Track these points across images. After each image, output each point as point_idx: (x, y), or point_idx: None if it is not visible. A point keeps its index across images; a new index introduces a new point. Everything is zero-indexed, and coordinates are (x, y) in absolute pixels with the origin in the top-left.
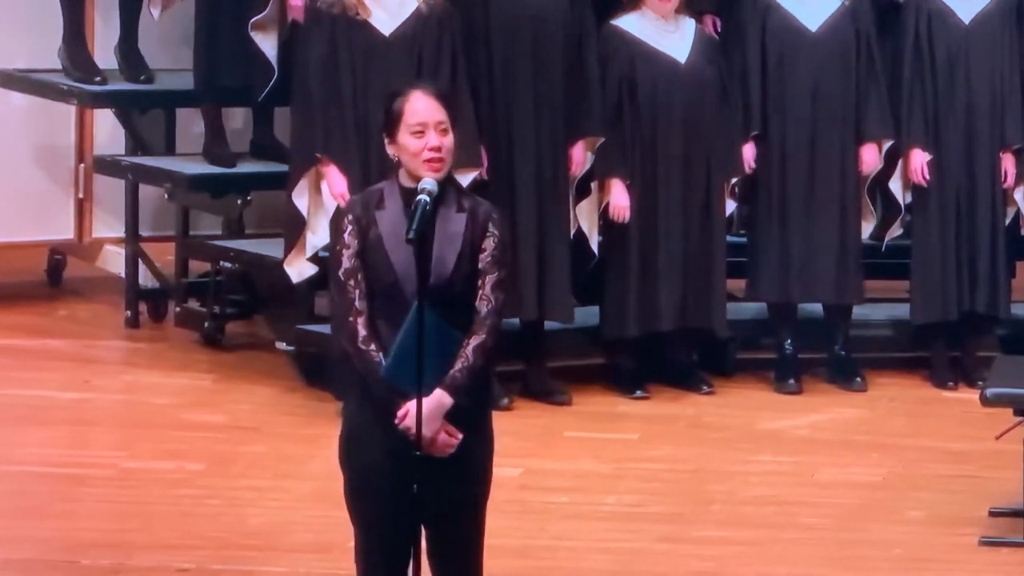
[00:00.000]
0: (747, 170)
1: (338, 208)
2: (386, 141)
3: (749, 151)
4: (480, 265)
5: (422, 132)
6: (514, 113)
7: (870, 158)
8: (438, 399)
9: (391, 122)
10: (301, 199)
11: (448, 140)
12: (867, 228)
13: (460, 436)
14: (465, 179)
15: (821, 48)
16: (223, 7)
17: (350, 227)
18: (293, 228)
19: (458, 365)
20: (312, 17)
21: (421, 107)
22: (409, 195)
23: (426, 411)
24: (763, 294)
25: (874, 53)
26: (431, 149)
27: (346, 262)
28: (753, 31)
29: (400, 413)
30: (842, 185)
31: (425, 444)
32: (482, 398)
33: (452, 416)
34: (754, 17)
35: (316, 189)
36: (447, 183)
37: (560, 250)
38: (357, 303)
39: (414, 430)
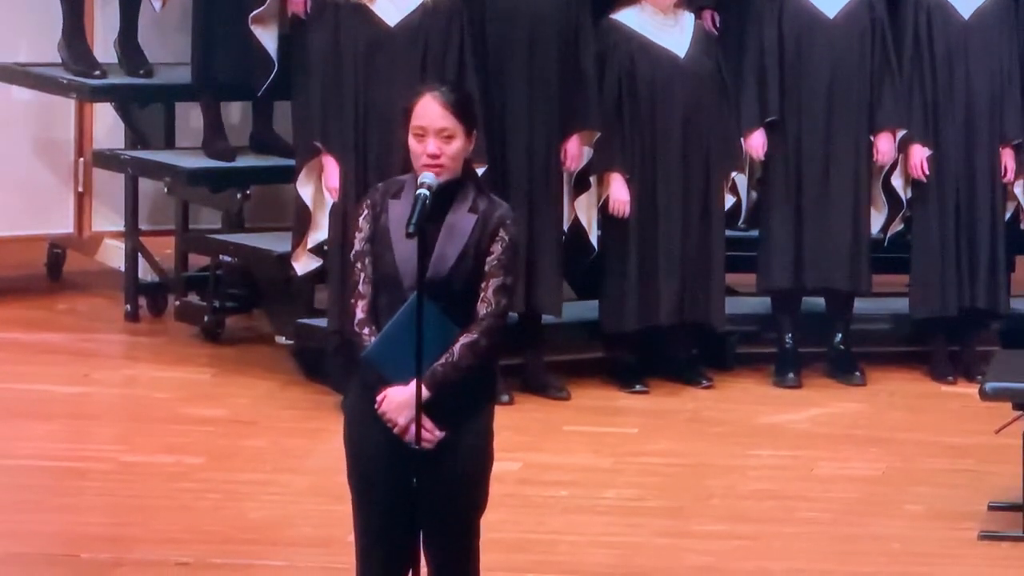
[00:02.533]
0: (759, 157)
1: (337, 204)
2: (406, 137)
3: (760, 137)
4: (486, 268)
5: (423, 136)
6: (507, 106)
7: (886, 147)
8: (414, 390)
9: (405, 120)
10: (305, 189)
11: (451, 147)
12: (878, 218)
13: (439, 433)
14: None
15: (838, 35)
16: (220, 1)
17: (366, 211)
18: (299, 220)
19: (443, 359)
20: (317, 5)
21: (426, 111)
22: None
23: (401, 399)
24: (775, 281)
25: (888, 42)
26: (428, 155)
27: (357, 244)
28: (771, 16)
29: (379, 398)
30: (856, 173)
31: (400, 431)
32: (481, 394)
33: (445, 411)
34: (772, 2)
35: (320, 181)
36: (466, 180)
37: (550, 243)
38: (361, 286)
39: (388, 416)
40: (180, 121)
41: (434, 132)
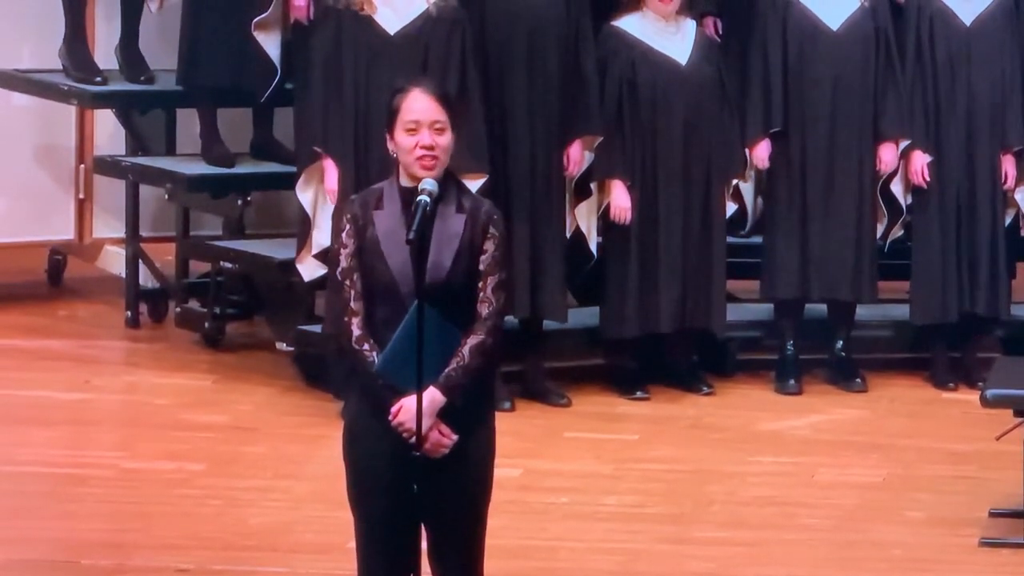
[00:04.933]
0: (763, 166)
1: (338, 207)
2: (387, 137)
3: (765, 148)
4: (481, 267)
5: (416, 130)
6: (508, 113)
7: (888, 157)
8: (431, 397)
9: (390, 118)
10: (305, 195)
11: (443, 140)
12: (878, 227)
13: (454, 437)
14: (473, 185)
15: (842, 46)
16: (207, 6)
17: (348, 226)
18: (301, 225)
19: (453, 364)
20: (319, 11)
21: (417, 105)
22: (407, 195)
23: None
24: (780, 291)
25: (892, 52)
26: (423, 147)
27: (343, 261)
28: (774, 28)
29: (393, 409)
30: (860, 183)
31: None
32: (483, 399)
33: (450, 416)
34: (775, 14)
35: (321, 185)
36: (447, 182)
37: (553, 249)
38: (353, 303)
39: (407, 426)
40: (181, 128)
41: (428, 124)
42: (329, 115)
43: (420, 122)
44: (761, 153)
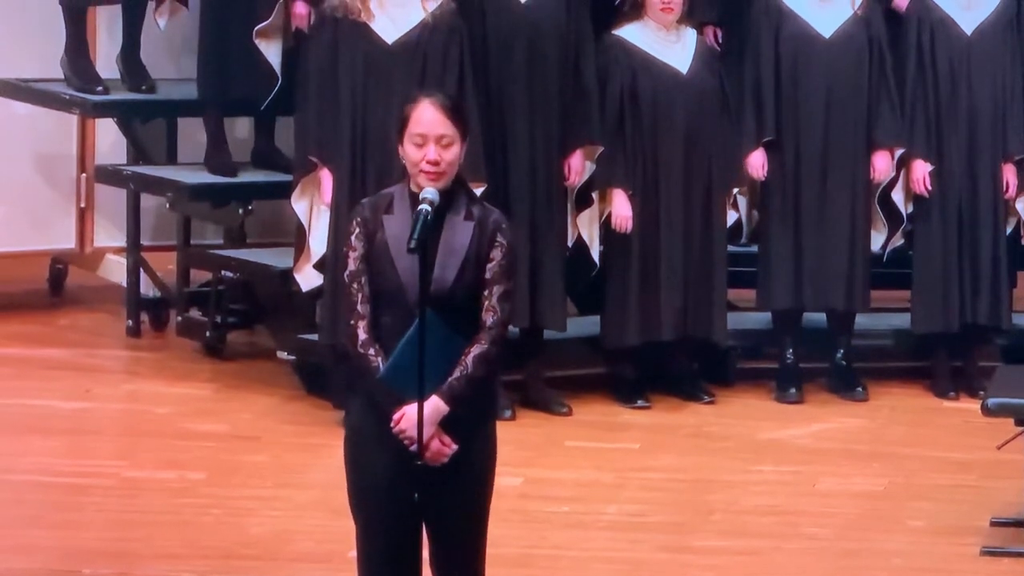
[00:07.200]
0: (759, 176)
1: (334, 214)
2: (398, 145)
3: (760, 157)
4: (487, 275)
5: (422, 143)
6: (509, 123)
7: (883, 166)
8: (434, 406)
9: (400, 126)
10: (299, 204)
11: (449, 154)
12: (878, 238)
13: (455, 446)
14: None
15: (835, 55)
16: (230, 16)
17: (358, 229)
18: (299, 235)
19: (457, 373)
20: (316, 20)
21: (425, 118)
22: (417, 201)
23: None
24: (776, 301)
25: (886, 61)
26: (428, 162)
27: (351, 265)
28: (767, 37)
29: (396, 417)
30: (854, 192)
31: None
32: (485, 408)
33: (452, 424)
34: (768, 23)
35: (316, 195)
36: (458, 190)
37: (553, 258)
38: (359, 306)
39: (408, 433)
40: (182, 137)
41: (434, 139)
42: (325, 124)
43: (426, 136)
44: (756, 162)
